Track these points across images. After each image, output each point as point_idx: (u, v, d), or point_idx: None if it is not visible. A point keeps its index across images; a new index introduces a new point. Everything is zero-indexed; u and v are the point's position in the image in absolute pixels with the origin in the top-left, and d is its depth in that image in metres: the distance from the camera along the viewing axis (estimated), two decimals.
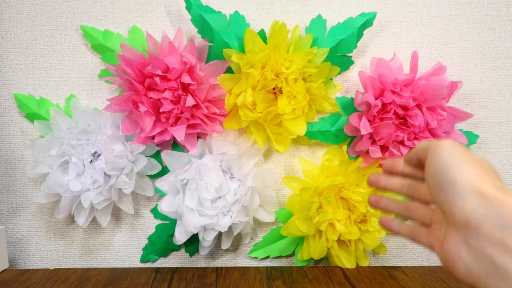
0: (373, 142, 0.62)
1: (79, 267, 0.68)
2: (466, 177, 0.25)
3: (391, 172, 0.37)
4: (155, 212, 0.67)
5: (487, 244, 0.23)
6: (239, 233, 0.67)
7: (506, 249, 0.22)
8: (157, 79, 0.56)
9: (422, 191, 0.35)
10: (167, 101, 0.57)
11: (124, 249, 0.68)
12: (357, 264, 0.66)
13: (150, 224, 0.68)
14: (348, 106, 0.65)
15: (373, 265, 0.70)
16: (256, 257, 0.68)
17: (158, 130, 0.59)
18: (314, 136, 0.65)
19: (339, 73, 0.65)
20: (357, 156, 0.65)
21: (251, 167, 0.63)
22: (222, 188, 0.59)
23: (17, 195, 0.67)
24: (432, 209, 0.34)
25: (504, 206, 0.23)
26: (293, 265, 0.69)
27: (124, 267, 0.68)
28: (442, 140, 0.29)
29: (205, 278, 0.63)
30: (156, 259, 0.68)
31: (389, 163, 0.38)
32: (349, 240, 0.63)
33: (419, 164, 0.33)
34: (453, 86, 0.61)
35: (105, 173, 0.59)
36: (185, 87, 0.58)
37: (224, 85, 0.60)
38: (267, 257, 0.69)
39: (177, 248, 0.68)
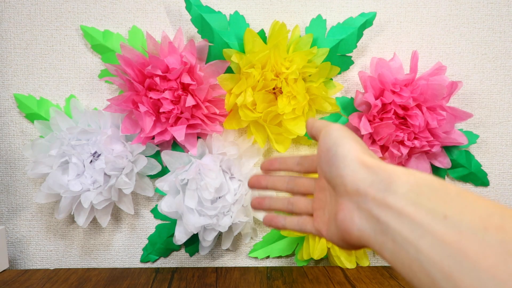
0: (373, 142, 0.62)
1: (79, 267, 0.68)
2: (353, 152, 0.29)
3: (269, 170, 0.40)
4: (155, 212, 0.67)
5: (373, 206, 0.26)
6: (239, 233, 0.67)
7: (387, 207, 0.25)
8: (157, 79, 0.56)
9: (301, 184, 0.38)
10: (167, 101, 0.57)
11: (124, 249, 0.68)
12: (357, 264, 0.66)
13: (150, 224, 0.68)
14: (348, 106, 0.65)
15: (373, 265, 0.70)
16: (256, 257, 0.68)
17: (158, 130, 0.59)
18: None
19: (339, 73, 0.65)
20: None
21: (251, 167, 0.63)
22: (222, 188, 0.59)
23: (17, 195, 0.67)
24: (312, 199, 0.37)
25: (384, 172, 0.26)
26: (293, 265, 0.69)
27: (124, 267, 0.68)
28: (332, 123, 0.33)
29: (205, 278, 0.63)
30: (156, 259, 0.68)
31: (266, 163, 0.40)
32: None
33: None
34: (453, 86, 0.61)
35: (105, 173, 0.59)
36: (185, 87, 0.58)
37: (224, 85, 0.60)
38: (267, 257, 0.69)
39: (177, 248, 0.68)
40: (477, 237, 0.20)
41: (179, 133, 0.58)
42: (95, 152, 0.59)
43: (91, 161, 0.59)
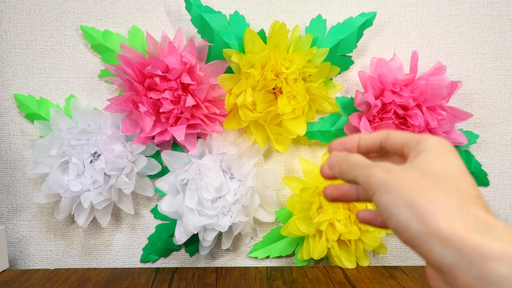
0: None
1: (79, 267, 0.68)
2: (415, 216, 0.22)
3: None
4: (155, 212, 0.67)
5: None
6: (239, 233, 0.67)
7: None
8: (157, 79, 0.56)
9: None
10: (167, 101, 0.57)
11: (124, 249, 0.68)
12: (357, 264, 0.66)
13: (150, 224, 0.68)
14: (348, 106, 0.65)
15: (373, 265, 0.70)
16: (256, 257, 0.68)
17: (158, 130, 0.59)
18: (314, 136, 0.65)
19: (339, 73, 0.65)
20: None
21: (251, 167, 0.63)
22: (222, 188, 0.59)
23: (17, 195, 0.67)
24: None
25: (473, 252, 0.19)
26: (293, 265, 0.69)
27: (124, 267, 0.68)
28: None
29: (205, 278, 0.63)
30: (156, 259, 0.68)
31: (339, 144, 0.33)
32: (349, 240, 0.63)
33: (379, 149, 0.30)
34: (453, 86, 0.61)
35: (105, 173, 0.59)
36: (185, 87, 0.58)
37: (224, 85, 0.60)
38: (267, 257, 0.69)
39: (177, 248, 0.68)
40: None
41: (179, 133, 0.58)
42: (95, 152, 0.59)
43: (91, 161, 0.59)
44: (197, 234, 0.63)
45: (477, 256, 0.19)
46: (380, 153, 0.31)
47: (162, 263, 0.69)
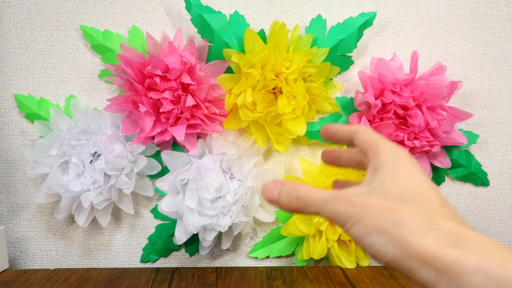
0: None
1: (79, 267, 0.68)
2: (389, 242, 0.22)
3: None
4: (155, 212, 0.67)
5: None
6: (239, 233, 0.67)
7: None
8: (157, 79, 0.56)
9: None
10: (167, 101, 0.57)
11: (124, 249, 0.68)
12: (357, 264, 0.66)
13: (150, 224, 0.68)
14: (348, 106, 0.65)
15: (373, 265, 0.70)
16: (256, 257, 0.68)
17: (158, 130, 0.59)
18: (314, 136, 0.65)
19: (339, 73, 0.65)
20: None
21: (251, 167, 0.63)
22: (222, 188, 0.59)
23: (17, 195, 0.67)
24: None
25: (449, 268, 0.20)
26: (293, 265, 0.69)
27: (124, 267, 0.68)
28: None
29: (205, 278, 0.63)
30: (156, 259, 0.68)
31: (323, 137, 0.34)
32: (349, 240, 0.63)
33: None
34: (453, 86, 0.61)
35: (105, 173, 0.59)
36: (185, 87, 0.58)
37: (224, 85, 0.60)
38: (267, 257, 0.69)
39: (177, 248, 0.68)
40: None
41: (179, 133, 0.58)
42: (95, 152, 0.59)
43: (91, 161, 0.59)
44: (197, 234, 0.63)
45: (454, 271, 0.20)
46: (352, 146, 0.32)
47: (162, 263, 0.69)
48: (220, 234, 0.65)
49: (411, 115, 0.60)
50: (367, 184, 0.26)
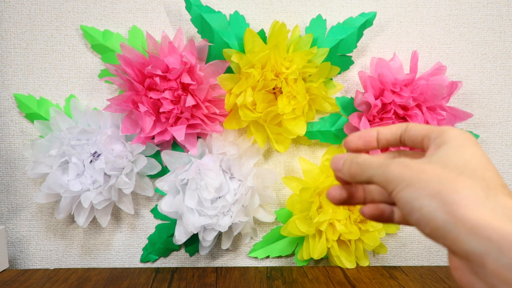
0: None
1: (79, 267, 0.68)
2: (440, 207, 0.21)
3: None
4: (155, 212, 0.67)
5: (499, 283, 0.19)
6: (239, 233, 0.67)
7: None
8: (157, 79, 0.56)
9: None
10: (167, 101, 0.57)
11: (124, 249, 0.68)
12: (357, 264, 0.66)
13: (150, 224, 0.68)
14: (348, 106, 0.65)
15: (373, 265, 0.70)
16: (256, 257, 0.68)
17: (158, 130, 0.59)
18: (314, 136, 0.65)
19: (339, 73, 0.65)
20: None
21: (251, 167, 0.63)
22: (222, 188, 0.59)
23: (17, 195, 0.67)
24: None
25: (503, 240, 0.19)
26: (293, 265, 0.69)
27: (124, 267, 0.68)
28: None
29: (205, 278, 0.63)
30: (156, 259, 0.68)
31: (357, 139, 0.31)
32: (349, 240, 0.63)
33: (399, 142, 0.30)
34: (453, 86, 0.61)
35: (105, 173, 0.59)
36: (185, 87, 0.58)
37: (224, 85, 0.60)
38: (267, 257, 0.69)
39: (177, 248, 0.68)
40: None
41: (179, 133, 0.58)
42: (95, 152, 0.59)
43: (91, 161, 0.59)
44: (197, 234, 0.63)
45: (508, 244, 0.19)
46: (399, 146, 0.31)
47: (162, 263, 0.69)
48: (220, 234, 0.65)
49: (411, 115, 0.59)
50: (427, 158, 0.25)
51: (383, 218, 0.31)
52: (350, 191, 0.32)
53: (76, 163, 0.59)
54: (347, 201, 0.32)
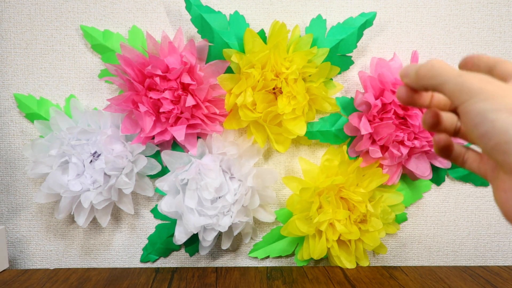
0: (373, 142, 0.62)
1: (79, 267, 0.68)
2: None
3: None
4: (155, 212, 0.67)
5: None
6: (239, 233, 0.67)
7: None
8: (157, 79, 0.56)
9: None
10: (167, 101, 0.57)
11: (124, 249, 0.68)
12: (357, 264, 0.66)
13: (150, 224, 0.68)
14: (348, 106, 0.65)
15: (373, 265, 0.70)
16: (256, 257, 0.68)
17: (158, 130, 0.59)
18: (314, 136, 0.65)
19: (339, 73, 0.65)
20: (357, 156, 0.65)
21: (251, 167, 0.63)
22: (222, 188, 0.59)
23: (17, 195, 0.67)
24: None
25: None
26: (293, 265, 0.69)
27: (124, 267, 0.68)
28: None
29: (205, 278, 0.63)
30: (156, 259, 0.68)
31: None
32: (349, 240, 0.63)
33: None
34: None
35: (105, 173, 0.59)
36: (185, 87, 0.58)
37: (224, 85, 0.60)
38: (267, 257, 0.69)
39: (177, 248, 0.68)
40: None
41: (179, 133, 0.58)
42: (95, 152, 0.59)
43: (91, 161, 0.59)
44: (197, 234, 0.63)
45: None
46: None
47: (162, 263, 0.69)
48: (220, 234, 0.65)
49: (411, 115, 0.59)
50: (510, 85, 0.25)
51: (440, 127, 0.31)
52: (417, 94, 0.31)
53: (76, 163, 0.59)
54: (413, 102, 0.31)
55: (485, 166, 0.29)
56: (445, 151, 0.32)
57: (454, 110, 0.32)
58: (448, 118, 0.31)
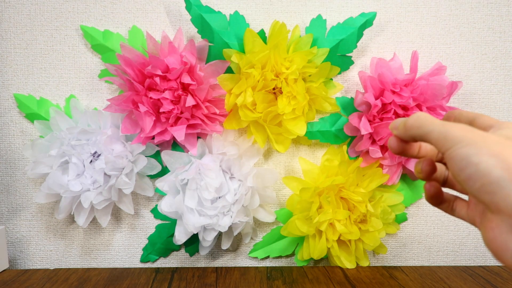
0: (373, 142, 0.62)
1: (79, 267, 0.68)
2: (498, 164, 0.23)
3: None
4: (155, 212, 0.67)
5: None
6: (239, 233, 0.67)
7: None
8: (157, 79, 0.56)
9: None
10: (167, 101, 0.57)
11: (124, 249, 0.68)
12: (357, 264, 0.66)
13: (150, 224, 0.68)
14: (348, 106, 0.65)
15: (373, 265, 0.70)
16: (256, 257, 0.68)
17: (158, 130, 0.59)
18: (314, 136, 0.65)
19: (339, 73, 0.65)
20: (357, 156, 0.65)
21: (251, 167, 0.63)
22: (222, 188, 0.59)
23: (17, 195, 0.67)
24: None
25: None
26: (293, 265, 0.69)
27: (124, 267, 0.68)
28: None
29: (205, 278, 0.63)
30: (156, 259, 0.68)
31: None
32: (349, 240, 0.63)
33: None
34: (453, 86, 0.61)
35: (105, 173, 0.59)
36: (185, 87, 0.58)
37: (224, 85, 0.60)
38: (267, 257, 0.69)
39: (177, 248, 0.68)
40: None
41: (179, 133, 0.58)
42: (95, 152, 0.59)
43: (91, 161, 0.59)
44: (197, 234, 0.63)
45: None
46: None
47: (162, 263, 0.69)
48: (220, 234, 0.65)
49: (411, 115, 0.59)
50: (491, 132, 0.27)
51: (434, 175, 0.33)
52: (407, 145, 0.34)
53: (76, 163, 0.59)
54: (404, 152, 0.33)
55: (473, 212, 0.31)
56: (436, 198, 0.34)
57: (441, 160, 0.34)
58: (438, 168, 0.34)
